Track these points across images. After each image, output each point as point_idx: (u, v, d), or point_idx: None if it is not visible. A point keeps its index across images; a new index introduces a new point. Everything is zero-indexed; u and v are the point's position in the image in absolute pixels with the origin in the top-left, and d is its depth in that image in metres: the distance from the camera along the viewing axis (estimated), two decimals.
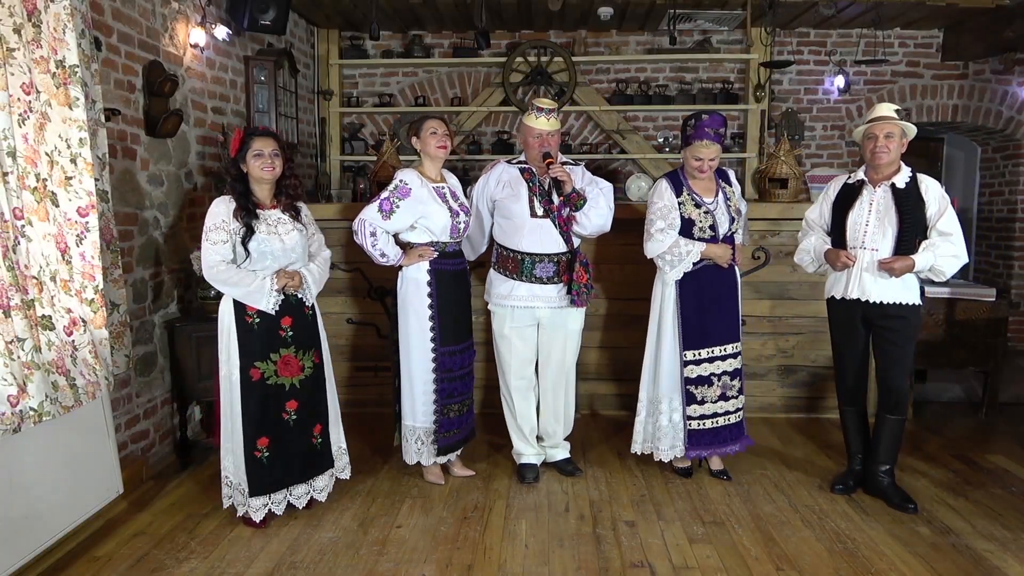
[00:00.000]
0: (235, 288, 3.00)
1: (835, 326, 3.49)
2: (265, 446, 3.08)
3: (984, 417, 4.70)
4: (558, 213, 3.46)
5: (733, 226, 3.51)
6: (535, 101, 3.50)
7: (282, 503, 3.17)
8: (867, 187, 3.32)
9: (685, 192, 3.49)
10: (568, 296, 3.49)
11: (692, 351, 3.54)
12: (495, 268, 3.61)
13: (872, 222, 3.26)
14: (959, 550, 2.96)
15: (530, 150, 3.50)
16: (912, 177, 3.27)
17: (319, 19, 6.09)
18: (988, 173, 6.81)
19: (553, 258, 3.48)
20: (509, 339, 3.58)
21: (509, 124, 6.61)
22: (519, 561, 2.88)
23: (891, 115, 3.25)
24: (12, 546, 2.68)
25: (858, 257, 3.29)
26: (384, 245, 3.36)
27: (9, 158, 2.63)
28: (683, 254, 3.45)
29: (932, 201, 3.22)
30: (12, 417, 2.53)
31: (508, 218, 3.52)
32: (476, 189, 3.64)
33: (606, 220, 3.55)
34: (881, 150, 3.21)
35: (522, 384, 3.65)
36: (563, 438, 3.77)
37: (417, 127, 3.44)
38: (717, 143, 3.39)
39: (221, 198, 3.05)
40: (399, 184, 3.35)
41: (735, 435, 3.65)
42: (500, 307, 3.59)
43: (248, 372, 3.04)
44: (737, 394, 3.62)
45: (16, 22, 2.65)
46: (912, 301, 3.28)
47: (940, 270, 3.21)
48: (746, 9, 5.72)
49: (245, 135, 3.06)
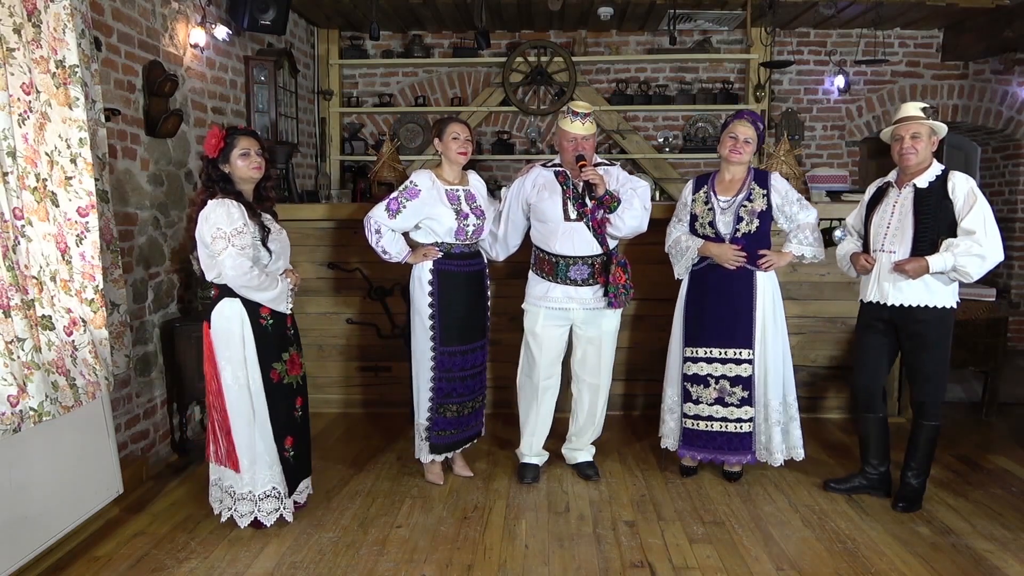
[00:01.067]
0: (266, 292, 2.94)
1: (858, 329, 3.45)
2: (291, 445, 3.11)
3: (984, 417, 4.70)
4: (592, 216, 3.44)
5: (743, 227, 3.43)
6: (570, 104, 3.47)
7: (303, 492, 3.23)
8: (893, 188, 3.28)
9: (704, 189, 3.51)
10: (605, 298, 3.48)
11: (690, 348, 3.54)
12: (533, 269, 3.62)
13: (893, 224, 3.21)
14: (959, 550, 2.96)
15: (564, 153, 3.49)
16: (940, 176, 3.17)
17: (319, 19, 6.09)
18: (988, 173, 6.81)
19: (587, 260, 3.47)
20: (540, 337, 3.57)
21: (509, 124, 6.61)
22: (519, 561, 2.88)
23: (918, 115, 3.19)
24: (12, 546, 2.68)
25: (878, 260, 3.25)
26: (388, 243, 3.41)
27: (9, 158, 2.63)
28: (683, 249, 3.51)
29: (959, 199, 3.10)
30: (12, 417, 2.53)
31: (543, 221, 3.52)
32: (511, 191, 3.64)
33: (641, 221, 3.51)
34: (908, 151, 3.16)
35: (549, 383, 3.64)
36: (590, 442, 3.75)
37: (440, 129, 3.44)
38: (753, 128, 3.42)
39: (222, 201, 2.88)
40: (409, 185, 3.40)
41: (737, 446, 3.53)
42: (534, 307, 3.58)
43: (269, 375, 3.02)
44: (740, 403, 3.50)
45: (16, 22, 2.64)
46: (937, 304, 3.17)
47: (963, 271, 3.07)
48: (746, 9, 5.73)
49: (228, 135, 2.96)
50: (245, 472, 2.99)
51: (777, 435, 3.53)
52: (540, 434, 3.68)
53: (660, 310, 4.20)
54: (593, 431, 3.73)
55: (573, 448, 3.75)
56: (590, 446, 3.76)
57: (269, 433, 3.02)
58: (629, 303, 3.54)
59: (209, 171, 2.96)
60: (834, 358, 4.63)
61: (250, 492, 3.01)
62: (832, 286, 4.55)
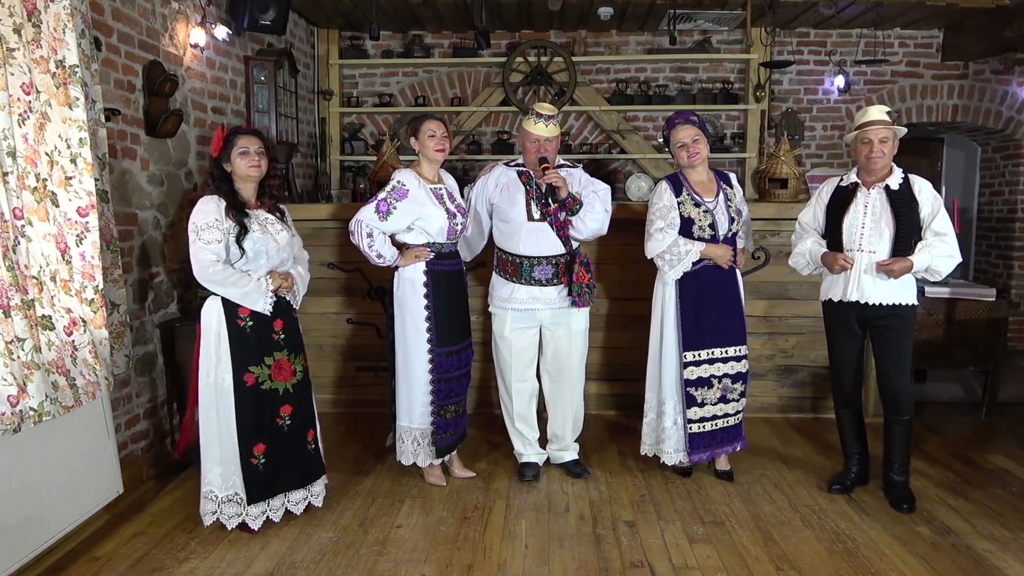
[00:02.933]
0: (231, 288, 2.93)
1: (832, 329, 3.48)
2: (262, 452, 3.03)
3: (984, 417, 4.70)
4: (555, 216, 3.46)
5: (734, 227, 3.51)
6: (535, 106, 3.49)
7: (279, 510, 3.14)
8: (861, 189, 3.32)
9: (685, 192, 3.49)
10: (569, 297, 3.49)
11: (692, 352, 3.53)
12: (496, 271, 3.61)
13: (868, 224, 3.27)
14: (959, 550, 2.96)
15: (527, 154, 3.50)
16: (904, 178, 3.28)
17: (319, 19, 6.09)
18: (988, 173, 6.82)
19: (551, 260, 3.48)
20: (509, 341, 3.58)
21: (509, 124, 6.61)
22: (519, 561, 2.88)
23: (884, 118, 3.26)
24: (12, 546, 2.68)
25: (856, 260, 3.29)
26: (381, 246, 3.35)
27: (9, 158, 2.63)
28: (682, 254, 3.44)
29: (925, 202, 3.24)
30: (12, 417, 2.53)
31: (506, 221, 3.52)
32: (475, 190, 3.63)
33: (602, 224, 3.56)
34: (877, 155, 3.23)
35: (523, 387, 3.64)
36: (572, 440, 3.75)
37: (415, 127, 3.38)
38: (693, 125, 3.44)
39: (208, 197, 2.95)
40: (396, 185, 3.33)
41: (732, 436, 3.66)
42: (500, 309, 3.58)
43: (242, 377, 2.97)
44: (738, 397, 3.62)
45: (16, 22, 2.64)
46: (909, 301, 3.29)
47: (936, 270, 3.24)
48: (746, 9, 5.73)
49: (229, 134, 3.01)
50: (207, 472, 3.01)
51: None
52: (529, 434, 3.69)
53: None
54: (573, 430, 3.73)
55: (558, 449, 3.76)
56: (574, 444, 3.76)
57: (233, 436, 2.98)
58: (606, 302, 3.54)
59: (212, 169, 3.04)
60: None
61: (211, 492, 3.02)
62: None
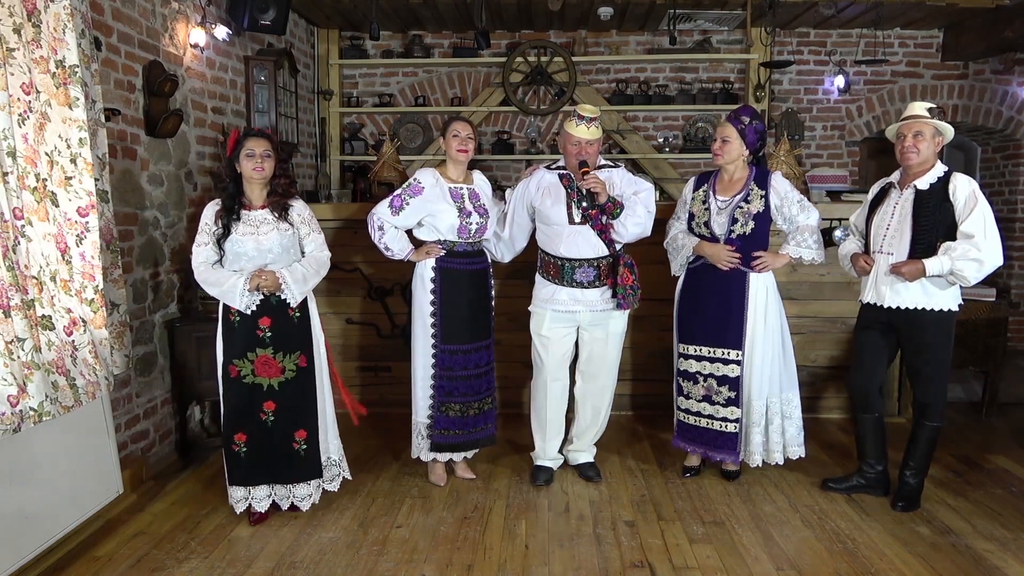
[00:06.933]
0: (213, 287, 3.10)
1: (856, 329, 3.45)
2: (243, 441, 3.15)
3: (984, 417, 4.70)
4: (596, 220, 3.42)
5: (738, 228, 3.41)
6: (576, 108, 3.44)
7: (264, 501, 3.18)
8: (895, 189, 3.26)
9: (704, 188, 3.52)
10: (613, 300, 3.46)
11: (683, 344, 3.60)
12: (539, 272, 3.61)
13: (893, 225, 3.20)
14: (959, 550, 2.96)
15: (568, 157, 3.46)
16: (942, 177, 3.14)
17: (319, 19, 6.09)
18: (988, 173, 6.81)
19: (593, 263, 3.45)
20: (547, 339, 3.56)
21: (509, 124, 6.61)
22: (519, 561, 2.88)
23: (923, 114, 3.17)
24: (12, 546, 2.68)
25: (877, 261, 3.24)
26: (390, 240, 3.44)
27: (9, 158, 2.63)
28: (679, 247, 3.55)
29: (959, 201, 3.07)
30: (12, 417, 2.53)
31: (548, 224, 3.51)
32: (515, 193, 3.62)
33: (644, 227, 3.48)
34: (909, 150, 3.14)
35: (557, 386, 3.62)
36: (592, 443, 3.74)
37: (445, 127, 3.48)
38: (732, 124, 3.40)
39: (213, 201, 3.16)
40: (412, 182, 3.44)
41: (723, 445, 3.54)
42: (540, 309, 3.57)
43: (228, 368, 3.14)
44: (727, 403, 3.50)
45: (16, 22, 2.64)
46: (936, 307, 3.15)
47: (960, 274, 3.04)
48: (746, 9, 5.73)
49: (241, 135, 3.14)
50: None
51: (756, 436, 3.53)
52: (554, 437, 3.67)
53: (661, 310, 4.19)
54: (596, 432, 3.72)
55: (575, 449, 3.74)
56: (592, 447, 3.75)
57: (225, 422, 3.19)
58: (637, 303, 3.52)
59: (225, 168, 3.19)
60: (834, 358, 4.63)
61: None
62: (832, 286, 4.56)
